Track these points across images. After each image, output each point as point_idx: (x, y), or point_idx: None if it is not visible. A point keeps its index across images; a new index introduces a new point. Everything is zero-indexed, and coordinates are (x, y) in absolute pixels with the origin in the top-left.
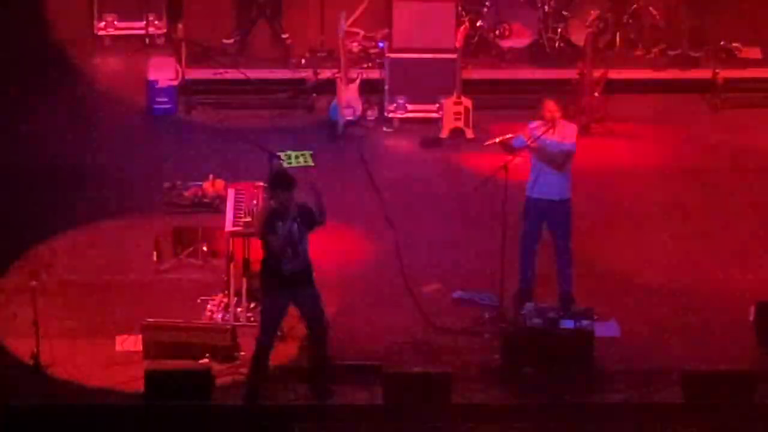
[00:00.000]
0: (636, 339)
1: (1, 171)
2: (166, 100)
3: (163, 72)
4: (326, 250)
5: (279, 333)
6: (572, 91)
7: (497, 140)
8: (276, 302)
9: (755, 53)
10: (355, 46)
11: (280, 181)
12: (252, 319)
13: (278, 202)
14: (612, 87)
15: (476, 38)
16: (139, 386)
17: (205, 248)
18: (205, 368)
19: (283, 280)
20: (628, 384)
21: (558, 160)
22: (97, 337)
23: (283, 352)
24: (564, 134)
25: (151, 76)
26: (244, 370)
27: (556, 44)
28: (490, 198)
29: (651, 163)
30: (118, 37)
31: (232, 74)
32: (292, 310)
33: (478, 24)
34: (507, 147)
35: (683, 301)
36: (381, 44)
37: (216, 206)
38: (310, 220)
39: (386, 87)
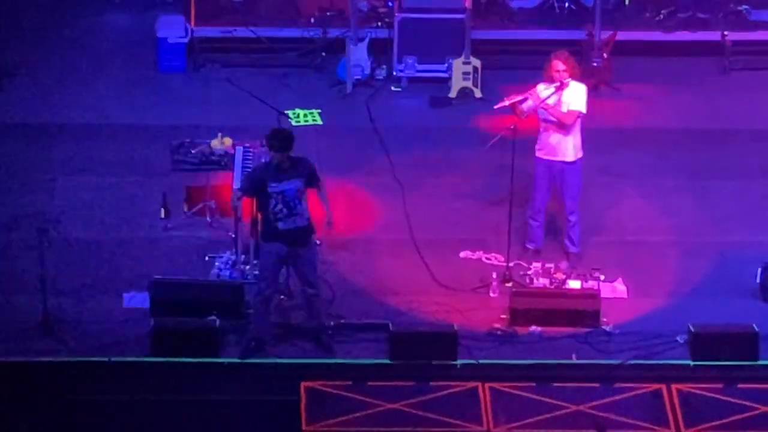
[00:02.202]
0: (643, 299)
1: (10, 127)
2: (175, 57)
3: (173, 30)
4: (334, 208)
5: (285, 291)
6: (581, 52)
7: (506, 103)
8: (272, 251)
9: (764, 16)
10: (364, 6)
11: (275, 140)
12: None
13: (274, 160)
14: (620, 48)
15: None
16: (147, 343)
17: (213, 206)
18: (212, 325)
19: (279, 237)
20: (634, 344)
21: (567, 122)
22: (105, 294)
23: (290, 310)
24: (573, 95)
25: (161, 34)
26: (251, 325)
27: (566, 5)
28: (499, 157)
29: (659, 125)
30: None
31: (241, 32)
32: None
33: None
34: (516, 109)
35: (690, 262)
36: (390, 4)
37: (224, 164)
38: (316, 182)
39: (395, 47)
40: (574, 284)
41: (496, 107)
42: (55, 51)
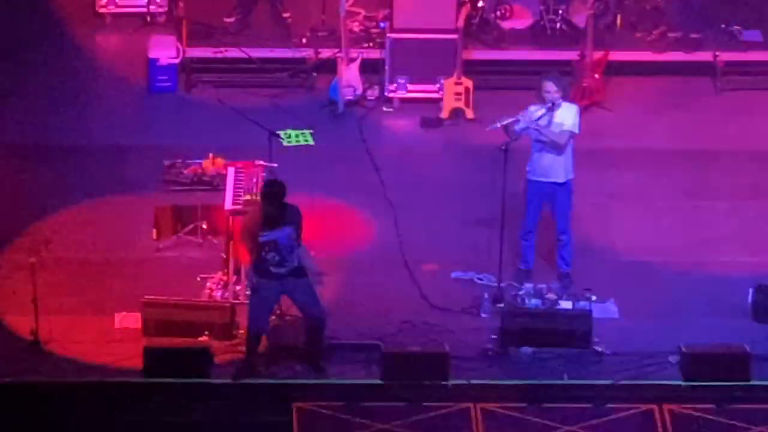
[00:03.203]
0: (635, 319)
1: (1, 147)
2: (166, 78)
3: (164, 50)
4: (326, 229)
5: (276, 312)
6: (572, 72)
7: (498, 125)
8: (265, 288)
9: (756, 36)
10: (356, 26)
11: (267, 192)
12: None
13: (265, 212)
14: (612, 69)
15: (477, 19)
16: (138, 363)
17: (204, 226)
18: (203, 346)
19: (272, 277)
20: (626, 364)
21: (559, 142)
22: (97, 315)
23: (281, 331)
24: (565, 116)
25: (152, 54)
26: (242, 348)
27: (557, 25)
28: (491, 178)
29: (651, 145)
30: (119, 15)
31: (232, 53)
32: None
33: (479, 4)
34: (509, 131)
35: (682, 282)
36: (382, 24)
37: (216, 184)
38: (299, 234)
39: (387, 67)
40: (566, 305)
41: (488, 129)
42: (46, 71)
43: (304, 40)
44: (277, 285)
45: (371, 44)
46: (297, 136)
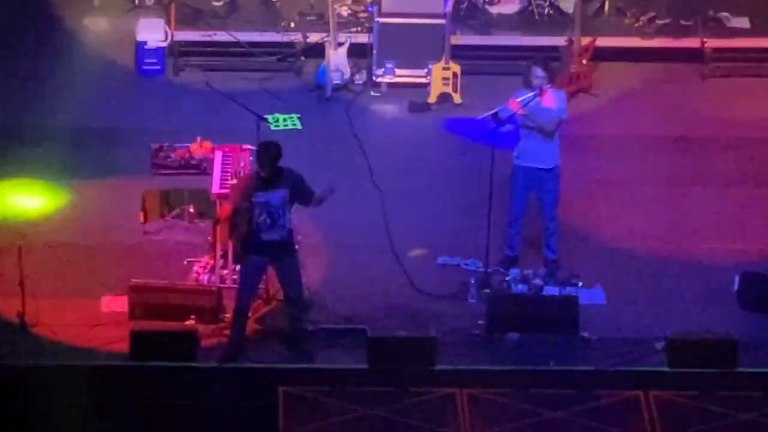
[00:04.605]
0: (621, 306)
1: None
2: (154, 61)
3: (152, 33)
4: (312, 213)
5: (263, 296)
6: (560, 58)
7: (488, 114)
8: (253, 267)
9: (743, 23)
10: (344, 10)
11: (263, 151)
12: (237, 281)
13: (261, 171)
14: (600, 55)
15: (465, 4)
16: (125, 347)
17: (191, 210)
18: (190, 329)
19: (261, 248)
20: (612, 351)
21: (547, 128)
22: (83, 298)
23: (268, 315)
24: (553, 101)
25: (140, 37)
26: (229, 332)
27: (545, 11)
28: (478, 164)
29: (638, 132)
30: None
31: (221, 36)
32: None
33: None
34: (497, 117)
35: (669, 269)
36: (370, 9)
37: (203, 168)
38: (300, 195)
39: (375, 51)
40: (552, 291)
41: (479, 118)
42: (35, 54)
43: (292, 24)
44: (264, 260)
45: (359, 29)
46: (285, 120)
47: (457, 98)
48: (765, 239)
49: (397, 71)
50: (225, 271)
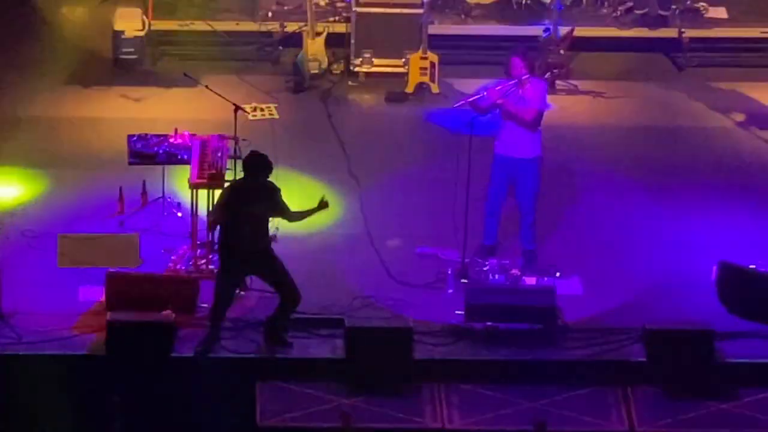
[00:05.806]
0: (598, 296)
1: None
2: (132, 50)
3: (130, 22)
4: (290, 203)
5: (241, 287)
6: (538, 48)
7: (465, 102)
8: (233, 278)
9: (721, 13)
10: (322, 0)
11: (249, 165)
12: (215, 271)
13: (244, 183)
14: (578, 45)
15: None
16: (102, 337)
17: (169, 199)
18: (167, 320)
19: (241, 259)
20: (589, 341)
21: (527, 118)
22: (60, 287)
23: (245, 305)
24: (533, 92)
25: (118, 27)
26: (206, 323)
27: (523, 1)
28: (456, 154)
29: (615, 122)
30: None
31: (198, 26)
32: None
33: None
34: (476, 107)
35: (645, 259)
36: None
37: (181, 158)
38: (277, 210)
39: (352, 41)
40: (530, 281)
41: (456, 105)
42: (12, 43)
43: (270, 14)
44: (244, 269)
45: (337, 18)
46: (262, 109)
47: (434, 88)
48: (742, 227)
49: (375, 61)
50: (202, 261)
